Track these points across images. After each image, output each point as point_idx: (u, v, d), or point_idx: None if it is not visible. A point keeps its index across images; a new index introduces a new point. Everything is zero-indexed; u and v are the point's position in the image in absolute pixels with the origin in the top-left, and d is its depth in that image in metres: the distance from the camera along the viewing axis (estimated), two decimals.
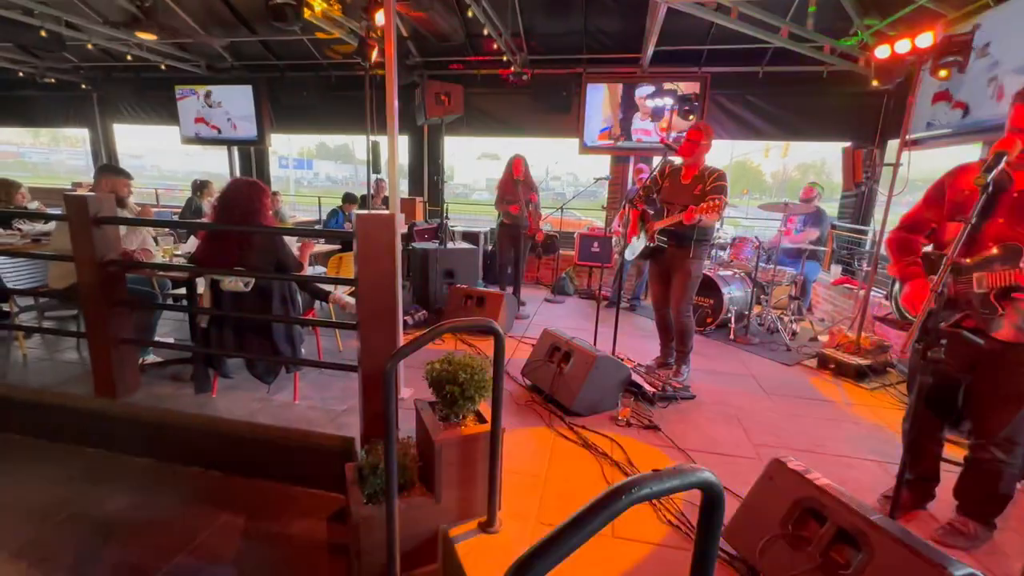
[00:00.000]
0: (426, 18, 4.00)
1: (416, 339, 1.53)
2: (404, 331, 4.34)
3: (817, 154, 38.99)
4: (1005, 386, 1.86)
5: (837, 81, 5.83)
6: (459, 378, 1.86)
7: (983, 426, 1.94)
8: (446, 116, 4.85)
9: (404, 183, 7.88)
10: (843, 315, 5.07)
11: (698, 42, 6.06)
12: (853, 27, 5.13)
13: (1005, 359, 1.83)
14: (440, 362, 1.95)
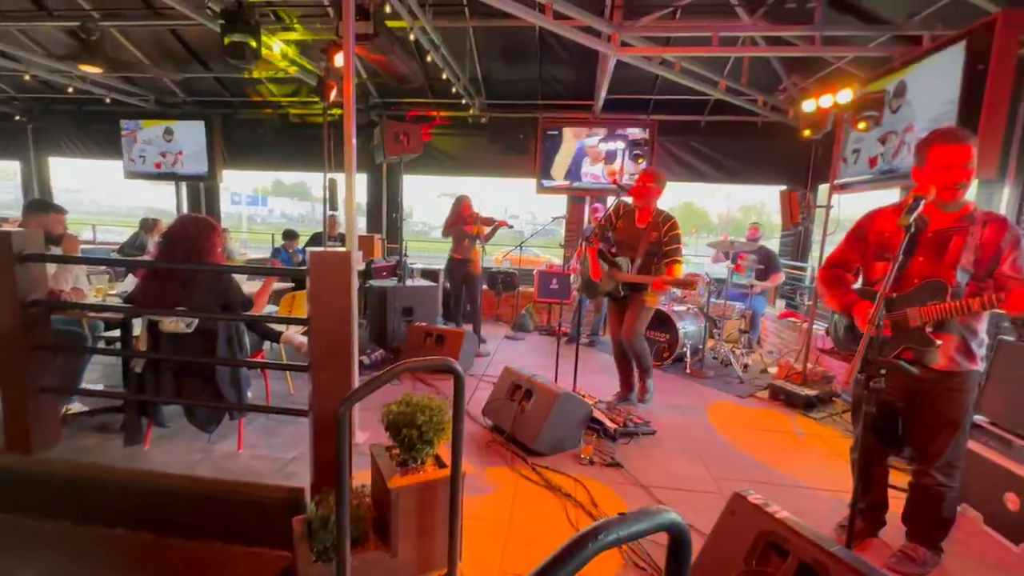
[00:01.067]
0: (385, 61, 4.08)
1: (372, 380, 1.47)
2: (360, 372, 4.18)
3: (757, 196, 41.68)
4: (941, 413, 1.96)
5: (771, 130, 6.33)
6: (417, 420, 1.79)
7: (923, 452, 2.04)
8: (405, 155, 4.89)
9: (363, 221, 7.81)
10: (790, 348, 5.30)
11: (646, 92, 6.47)
12: (782, 84, 5.64)
13: (939, 387, 1.94)
14: (397, 404, 1.87)
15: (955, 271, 1.83)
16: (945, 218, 1.90)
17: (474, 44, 5.91)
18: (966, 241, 1.83)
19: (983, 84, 3.41)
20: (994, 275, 1.82)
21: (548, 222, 7.16)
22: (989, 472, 2.41)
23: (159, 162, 7.76)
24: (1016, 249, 1.78)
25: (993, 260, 1.81)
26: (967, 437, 2.02)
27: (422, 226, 51.87)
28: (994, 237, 1.80)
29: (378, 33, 3.49)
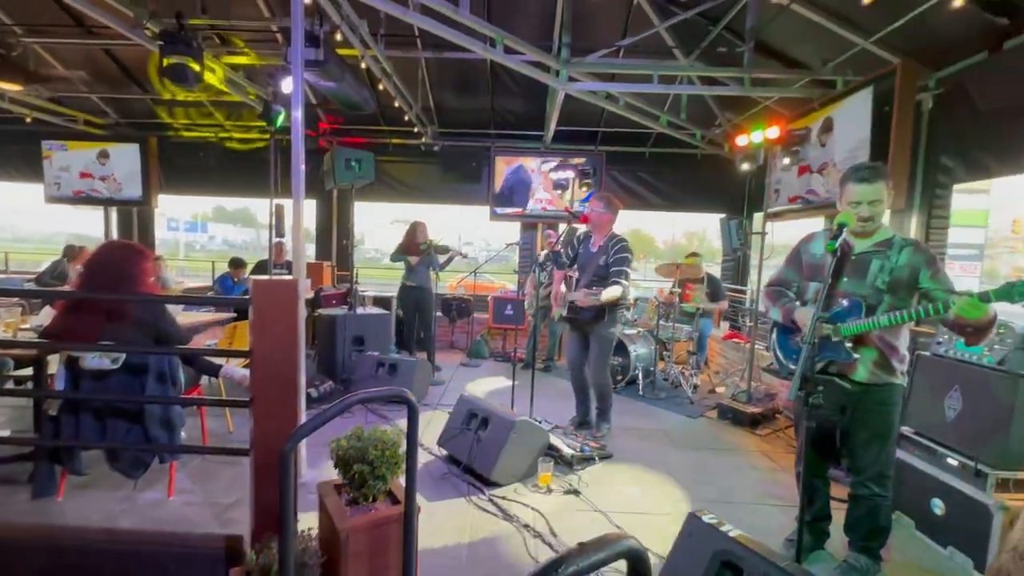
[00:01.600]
0: (336, 88, 4.05)
1: (320, 415, 1.40)
2: (308, 405, 3.99)
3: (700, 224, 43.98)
4: (868, 425, 2.09)
5: (709, 162, 6.74)
6: (369, 455, 1.71)
7: (857, 464, 2.16)
8: (356, 182, 4.82)
9: (312, 248, 7.58)
10: (735, 367, 5.53)
11: (594, 124, 6.76)
12: (717, 120, 6.06)
13: (865, 401, 2.08)
14: (347, 438, 1.79)
15: (873, 291, 2.00)
16: (867, 244, 2.08)
17: (426, 74, 5.99)
18: (883, 264, 2.00)
19: (889, 124, 3.80)
20: (919, 290, 1.98)
21: (502, 248, 7.22)
22: (917, 480, 2.58)
23: (83, 188, 7.24)
24: (932, 266, 1.95)
25: (909, 280, 1.97)
26: (895, 448, 2.15)
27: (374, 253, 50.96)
28: (909, 260, 1.98)
29: (328, 60, 3.47)
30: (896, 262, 1.99)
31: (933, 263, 1.96)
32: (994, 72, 3.19)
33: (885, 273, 1.99)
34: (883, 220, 2.11)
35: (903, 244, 2.02)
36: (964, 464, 2.35)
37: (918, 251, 1.99)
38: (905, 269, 1.97)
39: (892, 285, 1.98)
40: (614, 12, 5.02)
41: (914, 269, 1.96)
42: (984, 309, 1.68)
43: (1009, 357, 2.27)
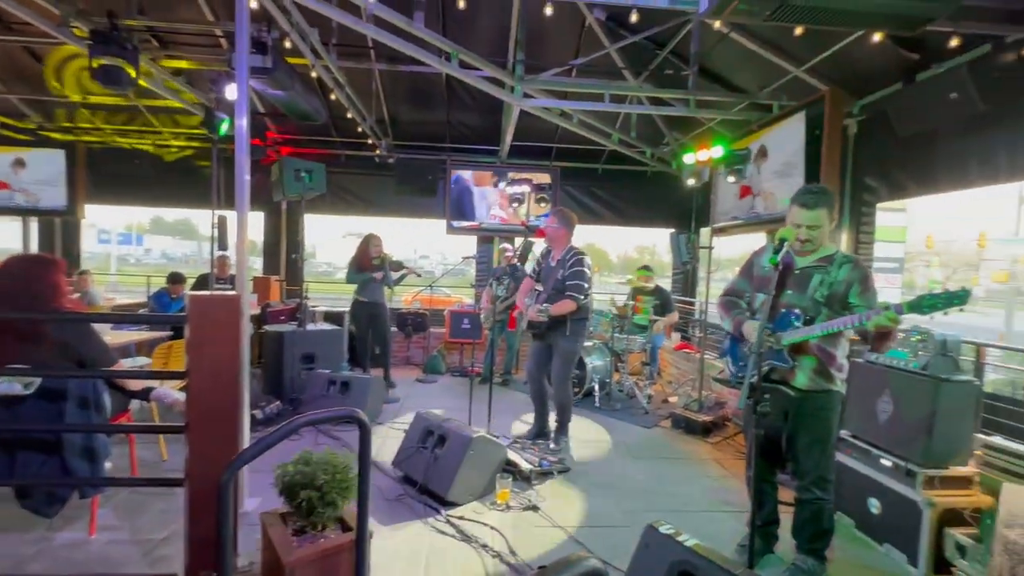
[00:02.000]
0: (285, 97, 3.92)
1: (263, 439, 1.31)
2: (253, 428, 3.77)
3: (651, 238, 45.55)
4: (809, 431, 2.19)
5: (659, 179, 7.00)
6: (318, 480, 1.62)
7: (801, 468, 2.25)
8: (306, 193, 4.67)
9: (259, 261, 7.25)
10: (686, 377, 5.70)
11: (548, 140, 6.88)
12: (665, 138, 6.32)
13: (805, 407, 2.18)
14: (294, 463, 1.69)
15: (812, 303, 2.13)
16: (810, 259, 2.21)
17: (380, 86, 5.92)
18: (823, 278, 2.13)
19: (820, 147, 4.08)
20: (848, 305, 2.11)
21: (458, 262, 7.17)
22: (855, 481, 2.72)
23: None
24: (863, 283, 2.09)
25: (843, 294, 2.10)
26: (834, 452, 2.26)
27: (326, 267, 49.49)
28: (847, 276, 2.11)
29: (277, 68, 3.35)
30: (835, 277, 2.11)
31: (865, 281, 2.09)
32: (908, 101, 3.49)
33: (824, 287, 2.12)
34: (825, 238, 2.24)
35: (843, 260, 2.15)
36: (896, 464, 2.50)
37: (855, 268, 2.12)
38: (842, 284, 2.10)
39: (829, 299, 2.11)
40: (567, 32, 5.17)
41: (848, 285, 2.09)
42: (898, 320, 1.84)
43: (931, 363, 2.45)
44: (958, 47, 3.20)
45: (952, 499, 2.33)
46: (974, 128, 3.28)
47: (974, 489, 2.40)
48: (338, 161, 6.89)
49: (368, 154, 6.80)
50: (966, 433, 2.45)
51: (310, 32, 3.90)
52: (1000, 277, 27.54)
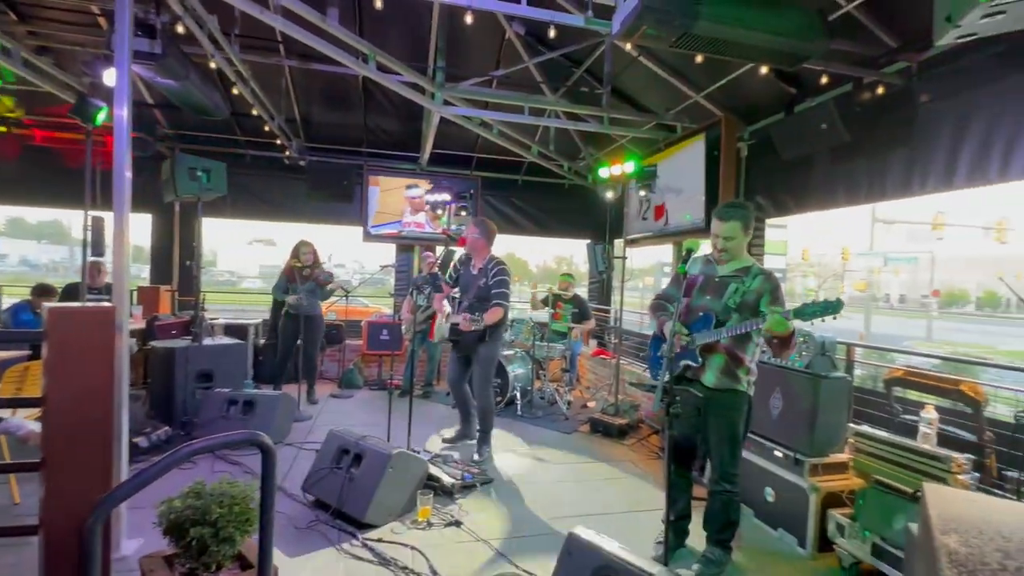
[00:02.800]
0: (179, 87, 3.54)
1: (142, 472, 1.14)
2: (134, 458, 3.32)
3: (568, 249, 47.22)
4: (717, 428, 2.36)
5: (576, 191, 7.27)
6: (211, 515, 1.44)
7: (713, 463, 2.41)
8: (203, 194, 4.24)
9: (146, 269, 6.46)
10: (603, 382, 5.92)
11: (469, 149, 6.88)
12: (581, 153, 6.58)
13: (713, 404, 2.35)
14: (183, 497, 1.49)
15: (724, 308, 2.32)
16: (729, 269, 2.41)
17: (291, 83, 5.58)
18: (738, 287, 2.33)
19: (718, 166, 4.47)
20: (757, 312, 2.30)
21: (376, 271, 6.91)
22: (754, 472, 2.96)
23: None
24: (773, 294, 2.29)
25: (754, 303, 2.30)
26: (741, 449, 2.42)
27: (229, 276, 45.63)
28: (759, 286, 2.31)
29: (167, 54, 3.01)
30: (749, 287, 2.32)
31: (775, 292, 2.30)
32: (789, 129, 3.94)
33: (737, 295, 2.32)
34: (744, 251, 2.44)
35: (758, 272, 2.36)
36: (786, 455, 2.76)
37: (767, 280, 2.32)
38: (753, 293, 2.30)
39: (741, 306, 2.30)
40: (487, 43, 5.22)
41: (759, 294, 2.29)
42: (787, 325, 2.06)
43: (813, 362, 2.75)
44: (828, 84, 3.67)
45: (832, 483, 2.61)
46: (841, 156, 3.76)
47: (849, 473, 2.71)
48: (243, 161, 6.37)
49: (277, 155, 6.35)
50: (842, 423, 2.76)
51: (208, 19, 3.56)
52: (859, 286, 32.00)
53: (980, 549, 0.43)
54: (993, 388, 2.82)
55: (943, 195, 3.34)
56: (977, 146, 2.95)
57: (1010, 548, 0.43)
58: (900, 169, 3.41)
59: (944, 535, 0.44)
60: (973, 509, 0.53)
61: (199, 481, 1.57)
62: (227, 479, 1.59)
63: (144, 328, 5.05)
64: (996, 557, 0.41)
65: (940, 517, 0.50)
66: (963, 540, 0.44)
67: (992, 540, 0.44)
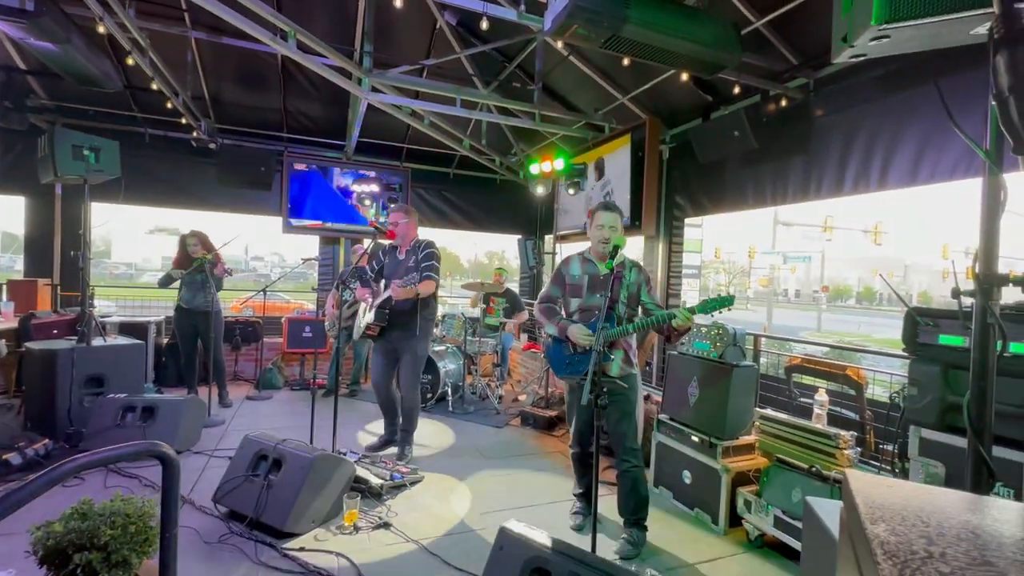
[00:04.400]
0: (58, 52, 3.09)
1: (12, 494, 0.98)
2: (6, 477, 2.90)
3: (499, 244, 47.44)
4: (618, 407, 2.55)
5: (507, 187, 7.30)
6: (100, 538, 1.28)
7: (615, 442, 2.59)
8: (91, 176, 3.75)
9: (19, 261, 5.62)
10: (533, 375, 6.01)
11: (399, 139, 6.67)
12: (513, 148, 6.61)
13: (616, 388, 2.53)
14: (65, 520, 1.31)
15: (616, 304, 2.51)
16: (609, 265, 2.51)
17: (198, 57, 5.09)
18: (621, 283, 2.52)
19: (643, 166, 4.67)
20: (640, 302, 2.60)
21: (297, 264, 6.52)
22: (673, 457, 3.14)
23: None
24: (648, 283, 2.59)
25: (636, 294, 2.57)
26: (639, 425, 2.67)
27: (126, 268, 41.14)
28: (636, 278, 2.57)
29: (43, 13, 2.62)
30: (629, 280, 2.56)
31: (648, 282, 2.61)
32: (705, 134, 4.20)
33: (622, 290, 2.52)
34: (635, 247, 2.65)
35: (632, 265, 2.61)
36: (702, 439, 2.95)
37: (640, 272, 2.61)
38: (635, 285, 2.57)
39: (629, 299, 2.55)
40: (418, 31, 5.07)
41: (639, 285, 2.57)
42: (691, 319, 2.29)
43: (726, 352, 2.96)
44: (739, 95, 3.96)
45: (741, 464, 2.83)
46: (750, 161, 4.08)
47: (755, 453, 2.96)
48: (140, 140, 5.71)
49: (183, 136, 5.77)
50: (750, 408, 3.00)
51: None
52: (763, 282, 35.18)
53: (906, 536, 0.47)
54: (872, 372, 3.19)
55: (833, 200, 3.72)
56: (861, 157, 3.32)
57: (931, 533, 0.47)
58: (799, 176, 3.76)
59: (873, 524, 0.48)
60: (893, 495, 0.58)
61: (85, 500, 1.38)
62: (120, 496, 1.41)
63: (17, 327, 4.41)
64: (921, 544, 0.45)
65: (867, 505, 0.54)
66: (891, 529, 0.48)
67: (915, 527, 0.49)
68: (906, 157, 3.06)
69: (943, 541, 0.46)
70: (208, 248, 4.56)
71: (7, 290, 5.06)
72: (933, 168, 2.92)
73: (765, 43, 3.56)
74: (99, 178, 3.85)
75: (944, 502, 0.59)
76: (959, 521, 0.52)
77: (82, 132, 3.90)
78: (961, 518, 0.53)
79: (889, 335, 21.53)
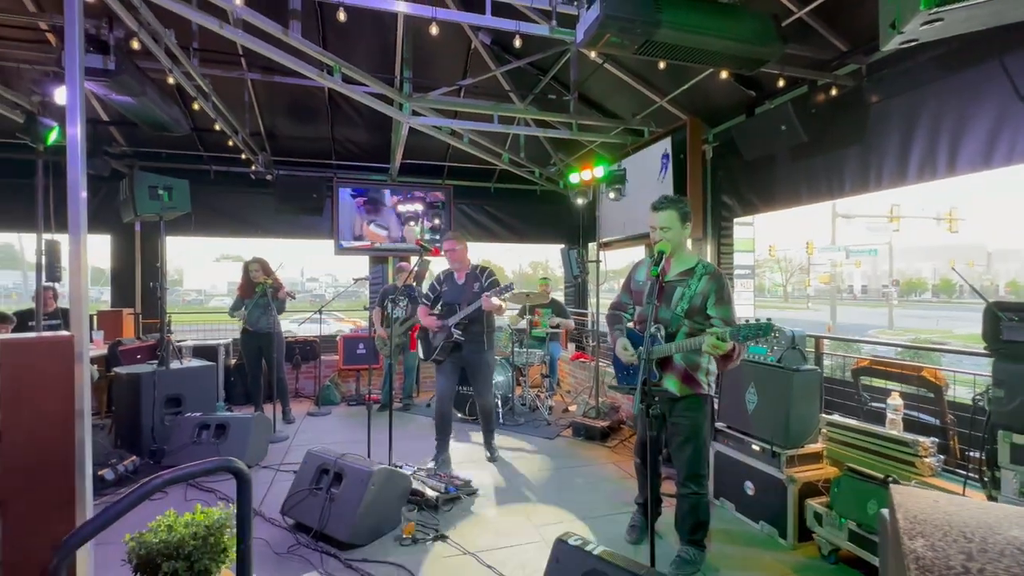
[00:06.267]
0: (135, 104, 3.43)
1: (110, 508, 1.09)
2: (100, 492, 3.16)
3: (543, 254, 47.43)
4: (680, 431, 2.38)
5: (548, 197, 7.33)
6: (185, 548, 1.38)
7: (677, 466, 2.44)
8: (165, 213, 4.10)
9: (107, 292, 6.20)
10: (583, 386, 5.95)
11: (440, 158, 6.86)
12: (552, 159, 6.65)
13: (676, 408, 2.37)
14: (154, 531, 1.43)
15: (674, 316, 2.31)
16: (674, 272, 2.40)
17: (254, 97, 5.47)
18: (684, 292, 2.31)
19: (685, 168, 4.57)
20: (706, 316, 2.28)
21: (349, 284, 6.81)
22: (733, 467, 3.02)
23: None
24: (718, 294, 2.27)
25: (701, 306, 2.28)
26: (707, 451, 2.46)
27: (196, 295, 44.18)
28: (704, 287, 2.28)
29: (122, 71, 2.92)
30: (695, 290, 2.29)
31: (720, 292, 2.26)
32: (750, 131, 4.07)
33: (685, 301, 2.29)
34: (687, 248, 2.49)
35: (703, 272, 2.32)
36: (763, 448, 2.82)
37: (712, 279, 2.29)
38: (699, 297, 2.28)
39: (689, 311, 2.28)
40: (454, 53, 5.23)
41: (705, 296, 2.27)
42: (723, 347, 2.04)
43: (784, 356, 2.82)
44: (784, 87, 3.81)
45: (808, 473, 2.68)
46: (800, 155, 3.90)
47: (824, 463, 2.79)
48: (206, 177, 6.20)
49: (242, 170, 6.20)
50: (814, 414, 2.84)
51: (165, 34, 3.47)
52: (824, 279, 33.19)
53: (944, 552, 0.45)
54: (952, 372, 2.94)
55: (899, 189, 3.49)
56: (925, 143, 3.10)
57: (972, 549, 0.45)
58: (856, 167, 3.56)
59: (911, 540, 0.46)
60: (938, 510, 0.55)
61: (170, 513, 1.51)
62: (200, 509, 1.53)
63: (106, 354, 4.85)
64: (960, 559, 0.43)
65: (907, 519, 0.52)
66: (929, 544, 0.46)
67: (956, 542, 0.46)
68: (977, 139, 2.83)
69: (984, 557, 0.43)
70: (267, 273, 4.85)
71: (97, 320, 5.57)
72: (1011, 148, 2.68)
73: (809, 32, 3.43)
74: (172, 214, 4.19)
75: (993, 517, 0.55)
76: (1005, 537, 0.48)
77: (156, 173, 4.28)
78: (1009, 534, 0.49)
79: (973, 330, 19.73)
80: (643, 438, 2.55)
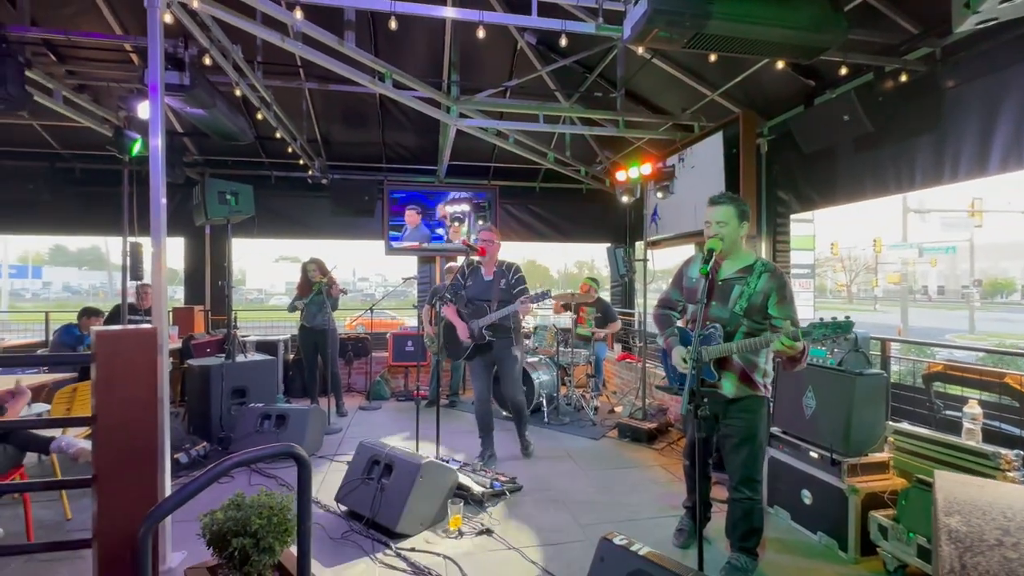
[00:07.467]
0: (207, 116, 3.70)
1: (185, 487, 1.20)
2: (176, 473, 3.44)
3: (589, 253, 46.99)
4: (735, 433, 2.29)
5: (594, 196, 7.26)
6: (252, 526, 1.49)
7: (730, 469, 2.35)
8: (232, 216, 4.40)
9: (180, 291, 6.72)
10: (630, 387, 5.86)
11: (486, 159, 6.95)
12: (598, 157, 6.58)
13: (731, 411, 2.29)
14: (224, 509, 1.55)
15: (732, 316, 2.21)
16: (731, 269, 2.31)
17: (311, 105, 5.76)
18: (743, 290, 2.21)
19: (737, 163, 4.41)
20: (766, 315, 2.19)
21: (398, 283, 7.02)
22: (789, 474, 2.88)
23: None
24: (780, 292, 2.16)
25: (762, 305, 2.18)
26: (762, 455, 2.36)
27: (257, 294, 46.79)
28: (764, 286, 2.18)
29: (196, 86, 3.16)
30: (754, 288, 2.19)
31: (782, 290, 2.16)
32: (809, 122, 3.87)
33: (744, 299, 2.19)
34: (742, 246, 2.38)
35: (762, 270, 2.21)
36: (822, 455, 2.68)
37: (773, 278, 2.18)
38: (760, 295, 2.17)
39: (748, 310, 2.19)
40: (500, 55, 5.28)
41: (766, 295, 2.17)
42: (796, 347, 1.97)
43: (846, 359, 2.67)
44: (847, 75, 3.60)
45: (872, 484, 2.52)
46: (865, 146, 3.68)
47: (890, 473, 2.62)
48: (268, 182, 6.59)
49: (300, 175, 6.55)
50: (879, 421, 2.67)
51: (232, 49, 3.73)
52: (893, 278, 30.87)
53: (980, 528, 0.43)
54: None
55: (978, 181, 3.22)
56: (1009, 130, 2.85)
57: (1010, 526, 0.43)
58: (929, 157, 3.31)
59: (947, 516, 0.44)
60: (983, 494, 0.52)
61: (239, 493, 1.63)
62: (264, 491, 1.64)
63: (180, 347, 5.25)
64: (995, 534, 0.41)
65: (946, 500, 0.50)
66: (965, 520, 0.44)
67: (994, 520, 0.44)
68: None
69: (1021, 533, 0.40)
70: (323, 272, 5.09)
71: (172, 316, 6.04)
72: None
73: (875, 15, 3.22)
74: (238, 218, 4.49)
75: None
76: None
77: (224, 180, 4.59)
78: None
79: None
80: (692, 440, 2.47)
